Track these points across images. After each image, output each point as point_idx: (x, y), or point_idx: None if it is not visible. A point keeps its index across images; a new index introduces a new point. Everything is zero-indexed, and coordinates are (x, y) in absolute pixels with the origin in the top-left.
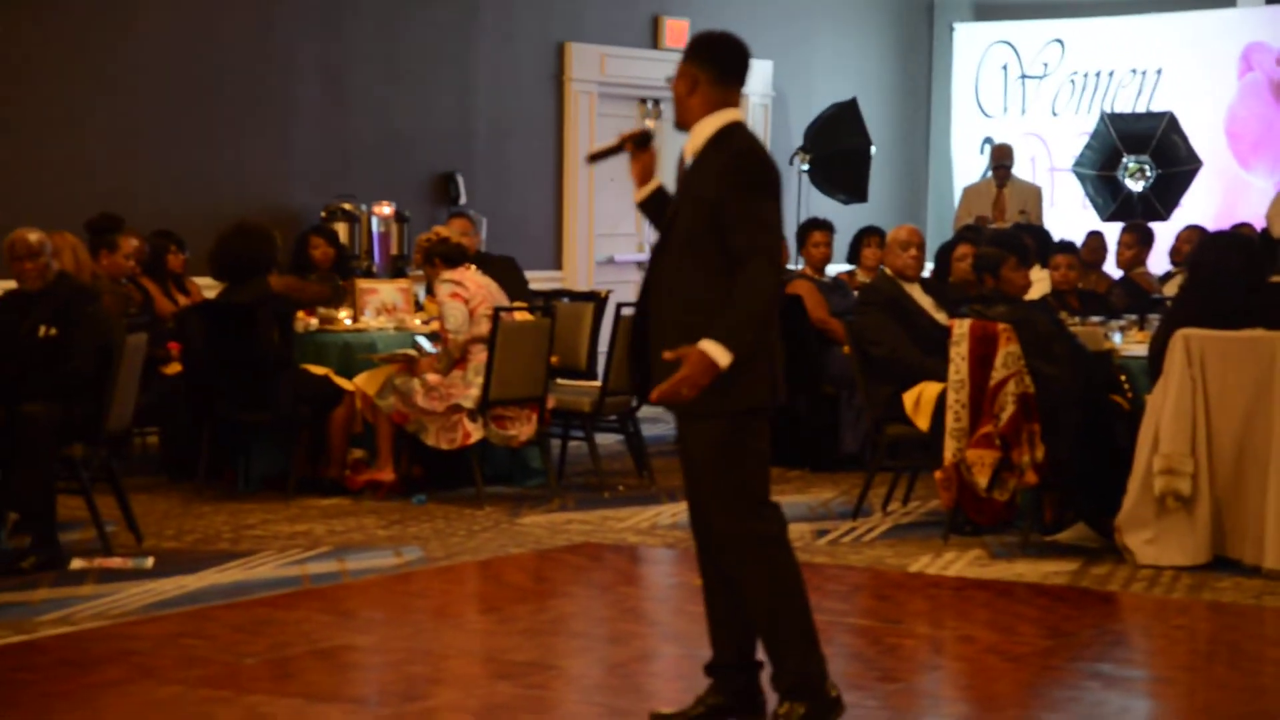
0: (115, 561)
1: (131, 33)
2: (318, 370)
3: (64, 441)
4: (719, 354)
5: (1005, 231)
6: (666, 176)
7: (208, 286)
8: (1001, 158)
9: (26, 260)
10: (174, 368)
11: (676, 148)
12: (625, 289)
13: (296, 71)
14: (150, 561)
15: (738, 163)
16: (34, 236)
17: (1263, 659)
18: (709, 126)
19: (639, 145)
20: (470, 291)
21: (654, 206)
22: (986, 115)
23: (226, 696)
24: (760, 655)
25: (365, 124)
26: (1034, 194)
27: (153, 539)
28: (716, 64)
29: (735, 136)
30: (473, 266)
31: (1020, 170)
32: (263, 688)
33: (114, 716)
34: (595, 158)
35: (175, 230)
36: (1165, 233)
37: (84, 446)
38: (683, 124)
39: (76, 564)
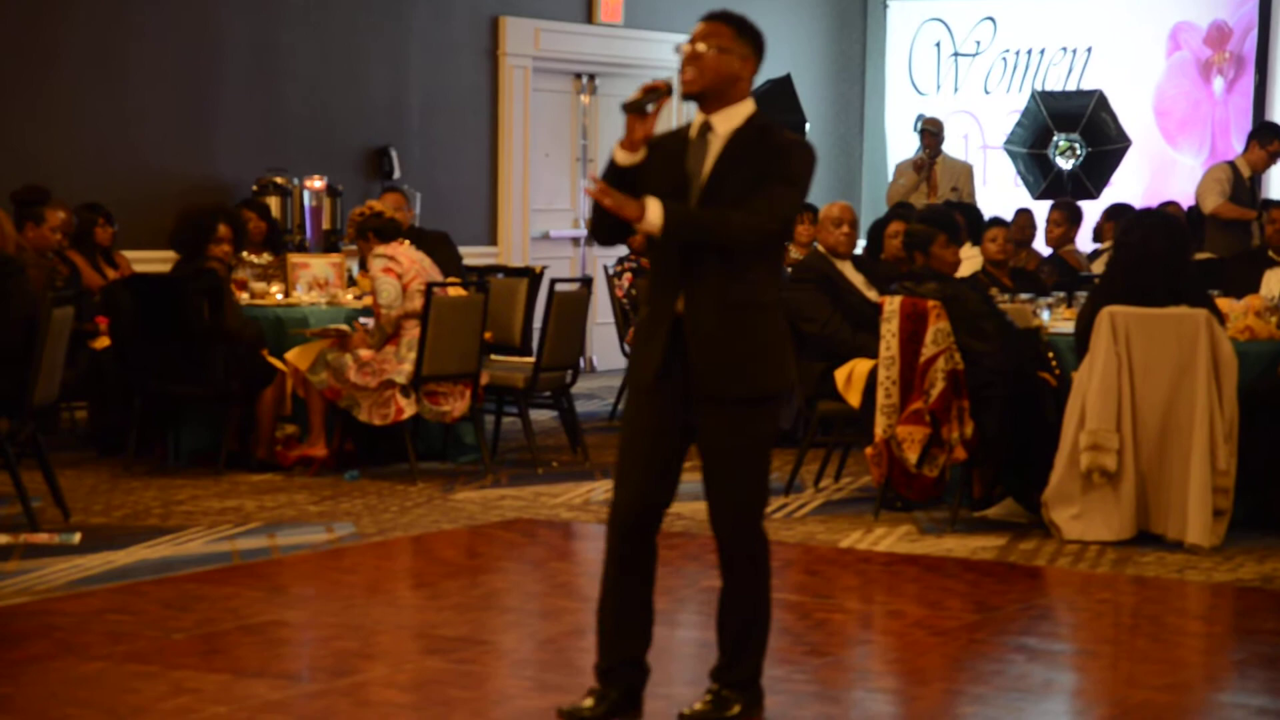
0: (41, 537)
1: (62, 5)
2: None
3: None
4: (654, 216)
5: (936, 208)
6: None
7: (137, 260)
8: (931, 136)
9: None
10: (102, 341)
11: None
12: (560, 264)
13: (228, 43)
14: (77, 537)
15: (797, 152)
16: None
17: (1184, 632)
18: (746, 109)
19: (667, 94)
20: (403, 266)
21: (631, 175)
22: (920, 93)
23: (153, 671)
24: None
25: (297, 97)
26: (965, 171)
27: (80, 514)
28: (761, 56)
29: (777, 125)
30: (406, 241)
31: (953, 148)
32: (190, 663)
33: (38, 692)
34: (635, 107)
35: (104, 203)
36: (1094, 211)
37: (9, 421)
38: (716, 97)
39: (2, 539)
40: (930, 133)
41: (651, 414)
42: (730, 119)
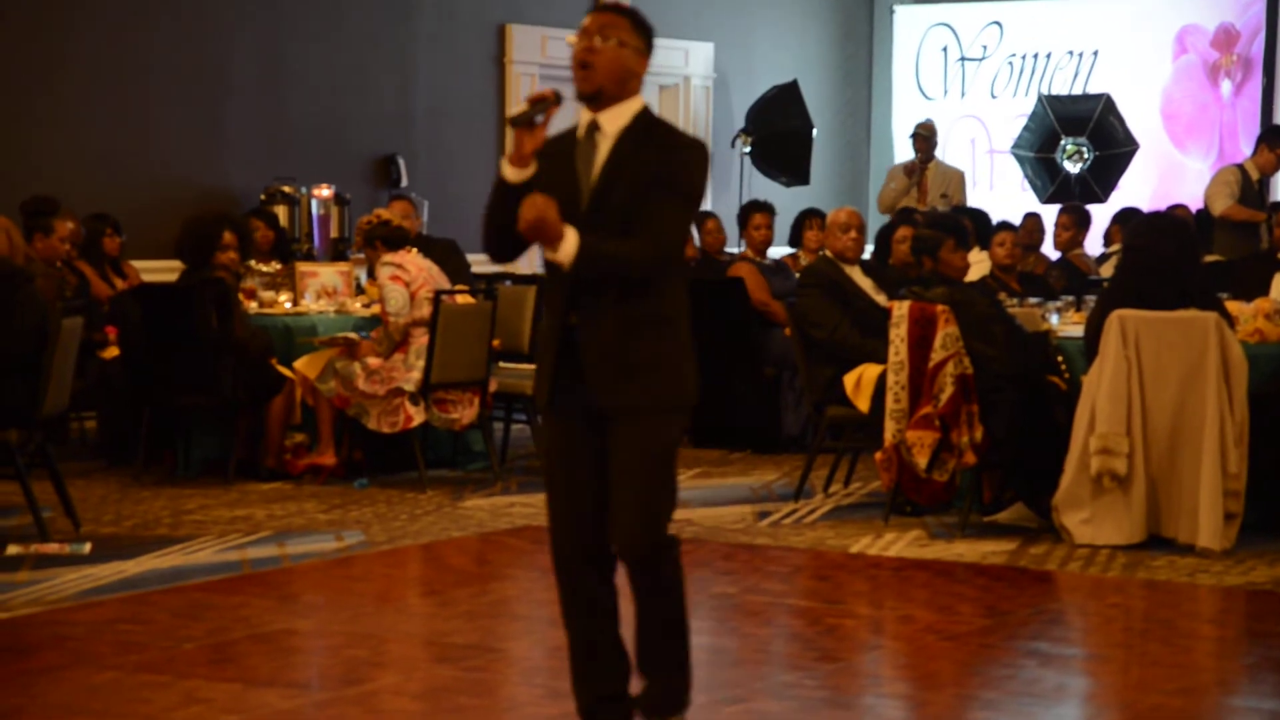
0: (52, 547)
1: (69, 15)
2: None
3: None
4: (569, 248)
5: (943, 213)
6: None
7: (145, 269)
8: (923, 140)
9: None
10: (111, 351)
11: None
12: None
13: (235, 53)
14: (88, 547)
15: (690, 157)
16: None
17: (1196, 636)
18: (635, 106)
19: (555, 103)
20: (411, 274)
21: (520, 191)
22: (927, 97)
23: (164, 681)
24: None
25: (305, 106)
26: (957, 178)
27: (90, 524)
28: (651, 49)
29: (666, 122)
30: (414, 250)
31: (959, 152)
32: (201, 672)
33: (50, 702)
34: (522, 120)
35: (112, 213)
36: (1102, 214)
37: (19, 431)
38: (611, 95)
39: (12, 549)
40: (922, 137)
41: (559, 436)
42: (618, 117)
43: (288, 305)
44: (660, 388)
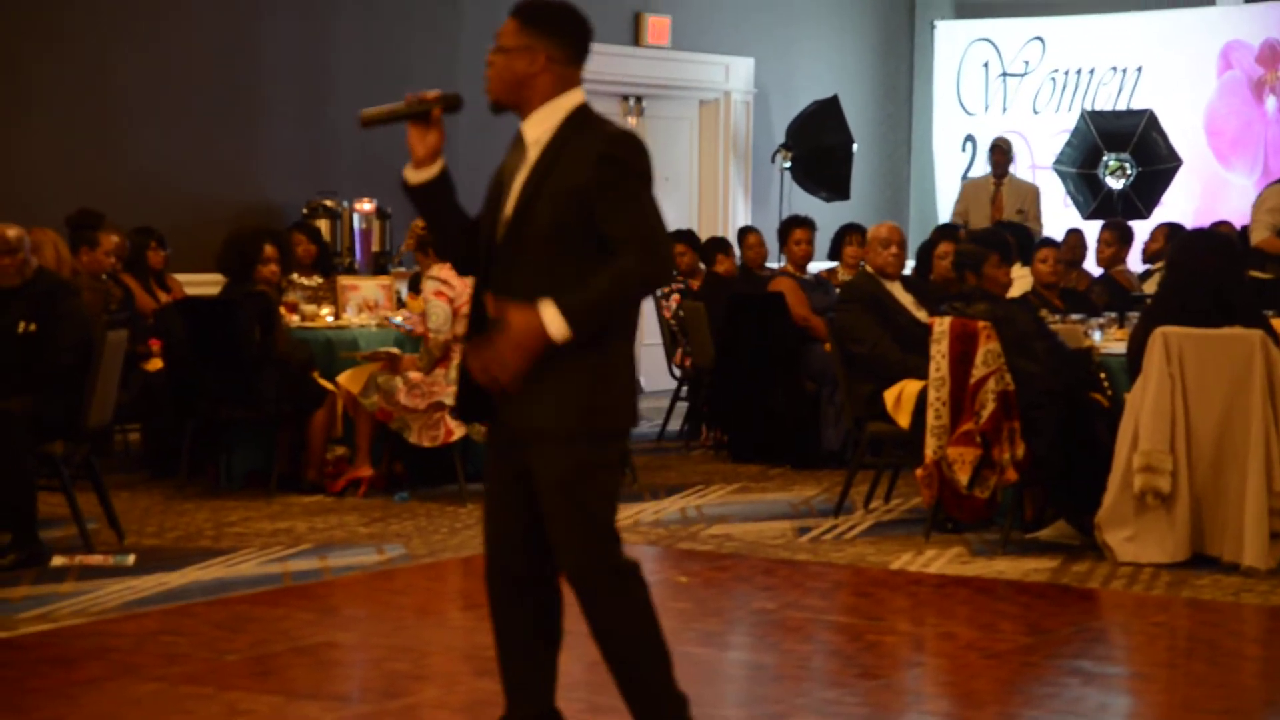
0: (96, 559)
1: (113, 30)
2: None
3: (44, 438)
4: (555, 323)
5: (986, 229)
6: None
7: (189, 283)
8: (1001, 153)
9: (5, 255)
10: (155, 364)
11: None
12: None
13: (278, 67)
14: (131, 559)
15: (617, 148)
16: (12, 232)
17: (1241, 655)
18: (561, 109)
19: (450, 109)
20: (456, 290)
21: (431, 193)
22: (968, 113)
23: (207, 693)
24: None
25: (347, 120)
26: (1031, 192)
27: (134, 536)
28: (568, 39)
29: (598, 119)
30: None
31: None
32: (243, 684)
33: (94, 713)
34: (375, 121)
35: (156, 227)
36: (1145, 231)
37: (64, 443)
38: (518, 105)
39: (57, 561)
40: (1000, 150)
41: (491, 459)
42: (538, 125)
43: (329, 319)
44: (570, 412)
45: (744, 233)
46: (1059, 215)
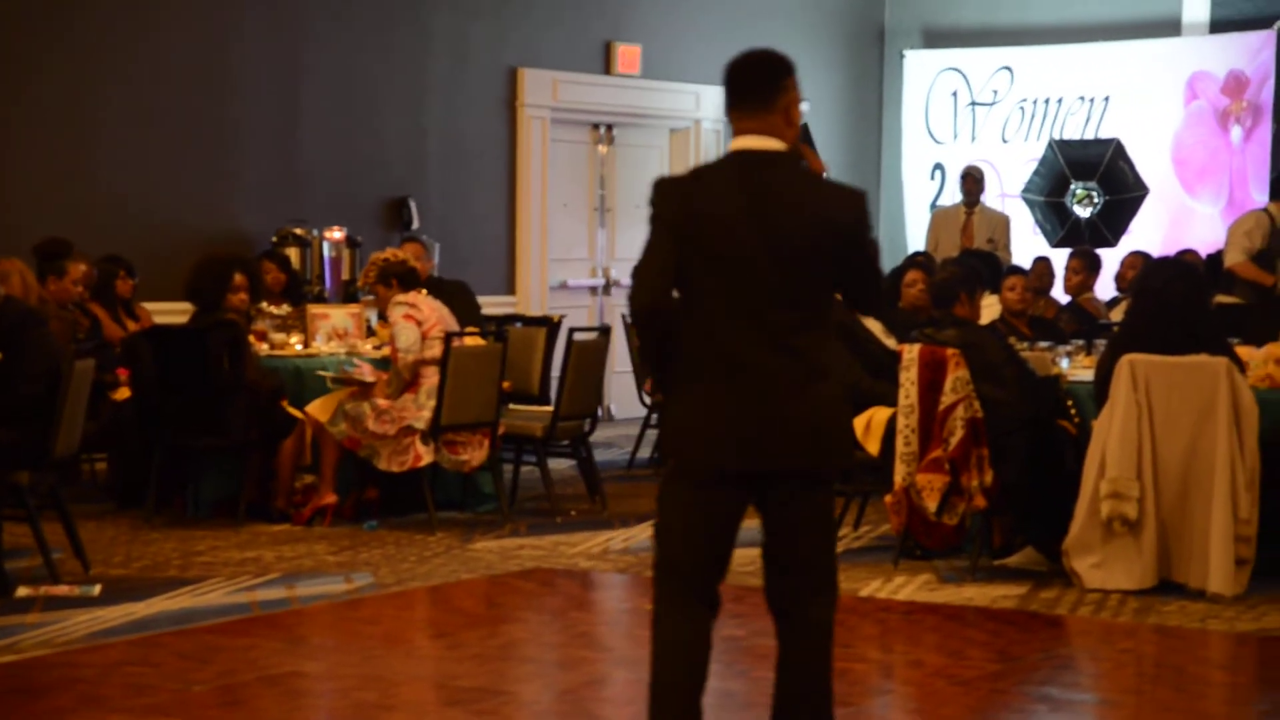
0: (62, 589)
1: (80, 58)
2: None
3: (10, 467)
4: None
5: (957, 258)
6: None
7: (158, 311)
8: (973, 181)
9: None
10: (123, 393)
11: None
12: (578, 314)
13: (248, 95)
14: (98, 589)
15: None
16: None
17: (1207, 682)
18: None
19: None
20: (424, 314)
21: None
22: (937, 141)
23: None
24: None
25: (317, 148)
26: (1002, 222)
27: (100, 566)
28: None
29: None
30: (424, 291)
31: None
32: (211, 715)
33: None
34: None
35: (124, 256)
36: (1112, 259)
37: (30, 473)
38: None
39: (22, 591)
40: (973, 178)
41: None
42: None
43: (298, 347)
44: None
45: None
46: (1027, 243)
